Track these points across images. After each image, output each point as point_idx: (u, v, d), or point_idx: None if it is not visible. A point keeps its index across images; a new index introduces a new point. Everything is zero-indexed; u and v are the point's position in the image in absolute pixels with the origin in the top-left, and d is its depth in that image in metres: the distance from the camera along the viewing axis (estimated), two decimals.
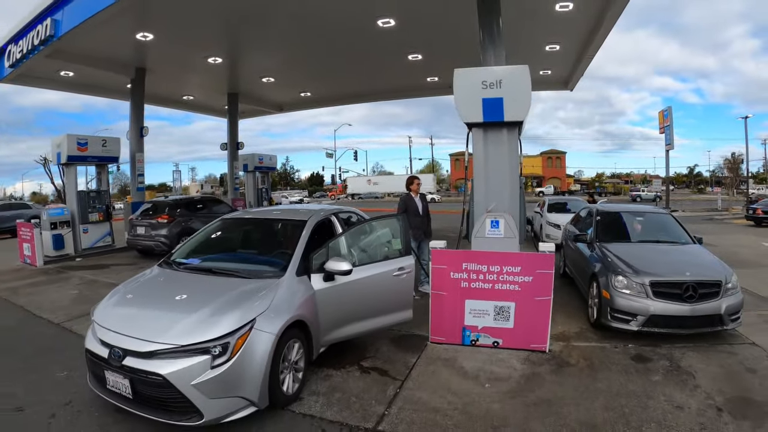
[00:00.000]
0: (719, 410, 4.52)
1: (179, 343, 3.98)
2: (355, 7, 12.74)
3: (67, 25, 13.55)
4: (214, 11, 13.16)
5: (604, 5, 12.33)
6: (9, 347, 6.92)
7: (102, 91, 22.26)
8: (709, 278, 6.33)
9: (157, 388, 3.90)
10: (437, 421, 4.38)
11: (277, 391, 4.38)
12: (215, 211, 16.39)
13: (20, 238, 15.34)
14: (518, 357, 5.81)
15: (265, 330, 4.26)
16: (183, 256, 5.96)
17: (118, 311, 4.66)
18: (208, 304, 4.40)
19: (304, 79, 21.55)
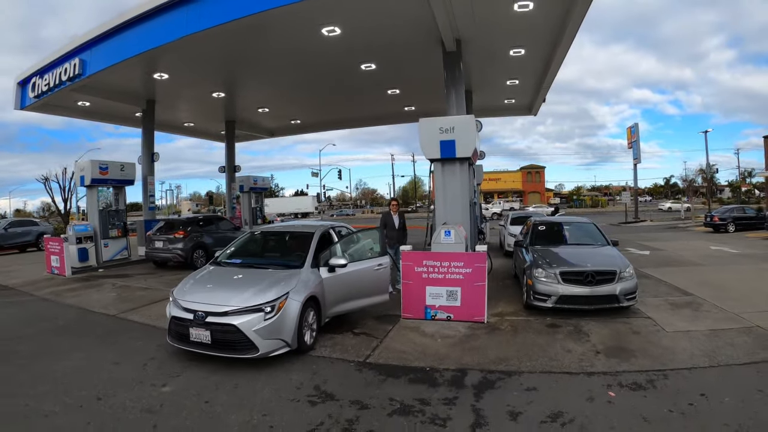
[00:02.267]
0: (597, 353, 6.78)
1: (244, 305, 6.32)
2: (342, 57, 14.94)
3: (94, 67, 15.34)
4: (220, 57, 15.24)
5: (551, 52, 14.65)
6: (83, 331, 8.98)
7: (113, 119, 24.15)
8: (606, 268, 8.72)
9: (229, 334, 6.21)
10: (403, 356, 6.72)
11: (301, 341, 6.72)
12: (220, 227, 18.65)
13: (48, 251, 17.19)
14: (464, 325, 8.14)
15: (294, 299, 6.62)
16: (226, 258, 8.36)
17: (196, 290, 6.99)
18: (258, 283, 6.80)
19: (295, 109, 23.68)
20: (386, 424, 4.73)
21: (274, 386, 5.75)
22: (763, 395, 5.16)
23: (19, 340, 8.33)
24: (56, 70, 16.55)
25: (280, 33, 12.85)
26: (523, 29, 12.80)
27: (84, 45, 15.51)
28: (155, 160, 20.88)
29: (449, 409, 4.99)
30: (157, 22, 13.06)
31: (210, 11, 11.74)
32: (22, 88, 19.01)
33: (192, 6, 12.14)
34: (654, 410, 4.89)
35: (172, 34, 12.76)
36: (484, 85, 18.52)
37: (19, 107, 19.41)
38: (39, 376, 6.37)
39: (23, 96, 19.00)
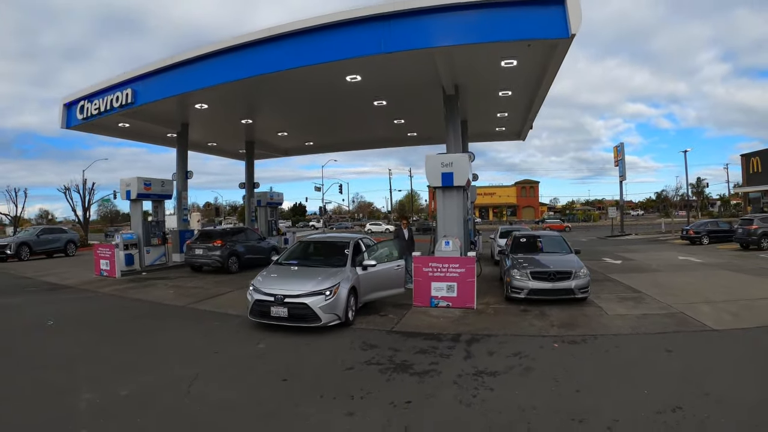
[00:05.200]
0: (553, 325, 9.64)
1: (312, 290, 9.23)
2: (358, 95, 17.61)
3: (145, 97, 17.70)
4: (255, 94, 17.88)
5: (533, 93, 17.22)
6: (164, 317, 11.46)
7: (146, 138, 26.41)
8: (564, 269, 11.69)
9: (301, 309, 9.11)
10: (418, 327, 9.63)
11: (347, 316, 9.64)
12: (249, 237, 21.38)
13: (97, 256, 19.81)
14: (459, 310, 11.04)
15: (343, 287, 9.54)
16: (285, 260, 11.35)
17: (272, 281, 9.89)
18: (317, 276, 9.73)
19: (311, 133, 26.49)
20: (413, 356, 7.60)
21: (335, 342, 8.64)
22: (659, 348, 7.99)
23: (117, 324, 10.92)
24: (107, 97, 18.77)
25: (312, 79, 15.33)
26: (509, 77, 15.26)
27: (136, 77, 17.85)
28: (189, 177, 23.53)
29: (450, 350, 7.91)
30: (214, 64, 15.48)
31: (261, 61, 14.29)
32: (69, 110, 21.23)
33: (243, 54, 14.70)
34: (580, 352, 7.83)
35: (222, 77, 15.28)
36: (478, 116, 21.16)
37: (65, 126, 21.55)
38: (155, 344, 9.09)
39: (70, 116, 21.16)
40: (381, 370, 7.07)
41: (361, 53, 12.79)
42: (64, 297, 14.92)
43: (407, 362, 7.35)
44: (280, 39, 13.87)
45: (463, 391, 6.13)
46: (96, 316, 11.93)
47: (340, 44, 12.90)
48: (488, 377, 6.63)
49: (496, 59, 13.31)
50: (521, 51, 12.52)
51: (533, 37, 11.37)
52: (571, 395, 5.97)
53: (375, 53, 12.53)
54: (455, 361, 7.39)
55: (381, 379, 6.69)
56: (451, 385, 6.36)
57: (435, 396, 6.02)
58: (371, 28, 12.45)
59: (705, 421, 5.15)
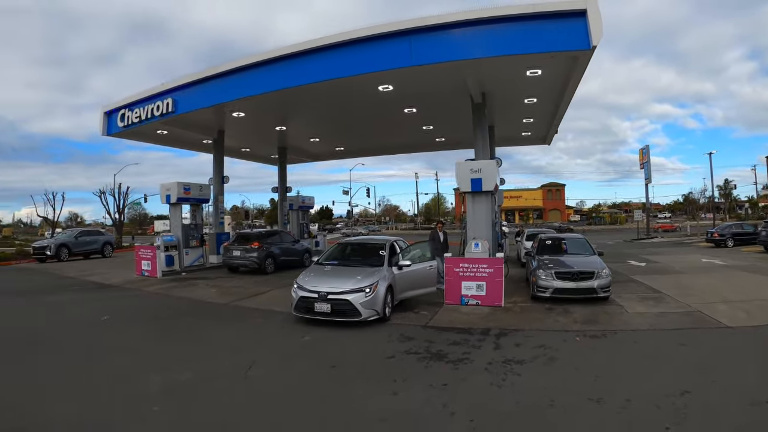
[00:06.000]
0: (575, 322, 10.32)
1: (353, 287, 10.03)
2: (390, 103, 18.22)
3: (185, 107, 18.57)
4: (291, 103, 18.71)
5: (558, 99, 17.78)
6: (209, 314, 12.20)
7: (182, 144, 27.34)
8: (587, 269, 12.35)
9: (343, 305, 9.92)
10: (450, 323, 10.37)
11: (385, 312, 10.41)
12: (284, 239, 22.24)
13: (138, 257, 20.88)
14: (488, 308, 11.76)
15: (382, 285, 10.33)
16: (325, 260, 12.19)
17: (315, 280, 10.72)
18: (357, 275, 10.54)
19: (342, 139, 27.25)
20: (447, 347, 8.36)
21: (374, 335, 9.45)
22: (674, 343, 8.63)
23: (168, 320, 11.80)
24: (148, 106, 19.71)
25: (345, 88, 16.02)
26: (534, 85, 15.78)
27: (176, 87, 18.73)
28: (225, 182, 24.45)
29: (481, 342, 8.66)
30: (251, 76, 16.31)
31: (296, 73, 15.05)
32: (109, 118, 22.21)
33: (279, 67, 15.48)
34: (600, 346, 8.52)
35: (259, 89, 16.14)
36: (504, 121, 21.69)
37: (105, 133, 22.57)
38: (207, 337, 9.95)
39: (110, 124, 22.12)
40: (419, 358, 7.83)
41: (392, 66, 13.48)
42: (112, 295, 15.83)
43: (442, 352, 8.10)
44: (313, 53, 14.60)
45: (493, 376, 6.85)
46: (146, 313, 12.85)
47: (371, 57, 13.64)
48: (516, 365, 7.34)
49: (522, 69, 13.86)
50: (545, 61, 13.06)
51: (556, 50, 11.96)
52: (590, 380, 6.65)
53: (405, 66, 13.22)
54: (485, 352, 8.12)
55: (419, 366, 7.44)
56: (482, 371, 7.08)
57: (468, 380, 6.76)
58: (401, 42, 13.11)
59: (709, 403, 5.82)
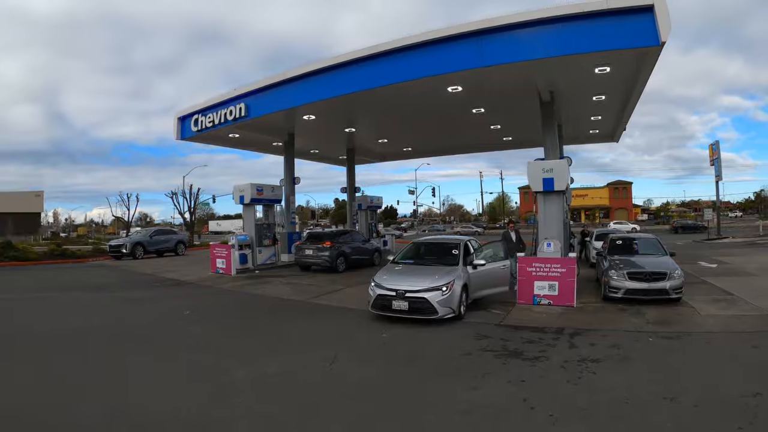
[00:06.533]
0: (648, 323, 10.43)
1: (430, 286, 10.46)
2: (458, 104, 18.43)
3: (258, 111, 19.36)
4: (360, 106, 19.17)
5: (627, 96, 17.67)
6: (287, 310, 12.93)
7: (253, 147, 28.45)
8: (659, 270, 12.38)
9: (420, 303, 10.35)
10: (523, 322, 10.67)
11: (459, 311, 10.79)
12: (354, 238, 22.82)
13: (213, 255, 21.89)
14: (560, 308, 11.98)
15: (457, 283, 10.72)
16: (401, 258, 12.65)
17: (392, 278, 11.21)
18: (434, 274, 10.96)
19: (409, 140, 27.62)
20: (522, 345, 8.70)
21: (450, 333, 9.86)
22: (747, 345, 8.72)
23: (247, 315, 12.60)
24: (221, 111, 20.59)
25: (414, 90, 16.23)
26: (602, 83, 15.68)
27: (248, 93, 19.54)
28: (296, 183, 25.25)
29: (555, 341, 8.95)
30: (321, 80, 16.93)
31: (365, 77, 15.60)
32: (183, 123, 23.39)
33: (348, 71, 16.09)
34: (673, 346, 8.68)
35: (329, 92, 16.77)
36: (572, 119, 21.55)
37: (179, 138, 23.78)
38: (287, 332, 10.56)
39: (184, 128, 23.31)
40: (495, 355, 8.19)
41: (461, 68, 13.79)
42: (190, 291, 16.77)
43: (518, 350, 8.44)
44: (382, 56, 15.09)
45: (569, 374, 7.13)
46: (225, 308, 13.68)
47: (440, 59, 13.95)
48: (591, 363, 7.59)
49: (590, 67, 13.86)
50: (614, 58, 13.05)
51: (624, 47, 11.95)
52: (663, 380, 6.85)
53: (475, 67, 13.52)
54: (560, 350, 8.41)
55: (497, 363, 7.80)
56: (558, 369, 7.37)
57: (545, 377, 7.06)
58: (470, 43, 13.38)
59: None
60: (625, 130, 24.91)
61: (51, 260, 29.41)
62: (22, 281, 20.47)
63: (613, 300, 12.48)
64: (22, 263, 27.64)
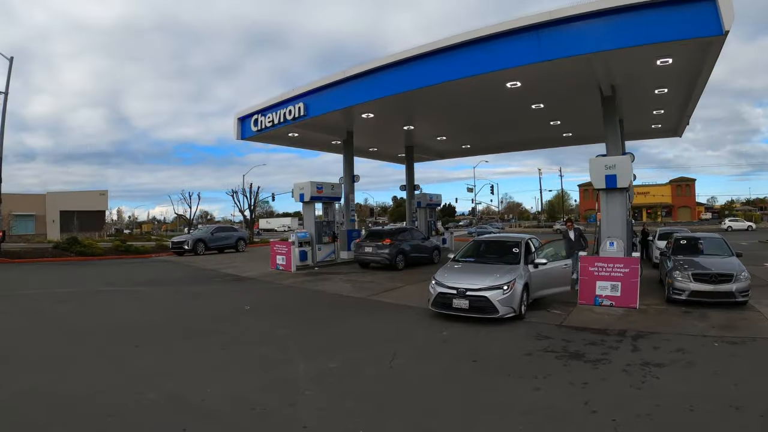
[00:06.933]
0: (713, 327, 10.21)
1: (491, 284, 10.52)
2: (517, 100, 18.55)
3: (316, 110, 19.83)
4: (418, 103, 19.40)
5: (690, 88, 17.32)
6: (346, 306, 13.20)
7: (313, 145, 29.14)
8: (725, 272, 12.05)
9: (481, 302, 10.43)
10: (585, 323, 10.60)
11: (520, 310, 10.80)
12: (414, 236, 22.96)
13: (274, 252, 22.36)
14: (622, 309, 11.83)
15: (518, 283, 10.73)
16: (461, 257, 12.71)
17: (453, 276, 11.30)
18: (495, 272, 11.00)
19: (468, 137, 27.66)
20: (584, 347, 8.67)
21: (511, 333, 9.90)
22: None
23: (307, 311, 12.90)
24: (280, 111, 21.24)
25: (473, 87, 16.49)
26: (664, 75, 15.47)
27: (307, 92, 20.10)
28: (356, 181, 25.58)
29: (618, 343, 8.88)
30: (379, 78, 17.30)
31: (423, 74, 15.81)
32: (243, 123, 24.23)
33: (405, 68, 16.34)
34: (739, 352, 8.50)
35: (387, 91, 17.11)
36: (634, 114, 21.27)
37: (240, 137, 24.64)
38: (347, 328, 10.80)
39: (244, 129, 24.18)
40: (557, 357, 8.19)
41: (519, 63, 13.81)
42: (250, 287, 17.24)
43: (580, 352, 8.42)
44: (438, 53, 15.29)
45: (632, 378, 7.08)
46: (285, 304, 14.03)
47: (497, 55, 14.04)
48: (654, 368, 7.51)
49: (652, 59, 13.69)
50: (676, 49, 12.82)
51: (686, 37, 11.67)
52: (729, 387, 6.74)
53: (533, 62, 13.51)
54: (623, 353, 8.34)
55: (558, 364, 7.81)
56: (620, 372, 7.33)
57: (607, 380, 7.05)
58: (528, 38, 13.41)
59: None
60: (688, 125, 24.47)
61: (115, 255, 30.91)
62: (88, 275, 21.50)
63: (677, 302, 12.22)
64: (88, 258, 29.16)
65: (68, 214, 57.72)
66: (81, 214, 58.26)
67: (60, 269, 24.06)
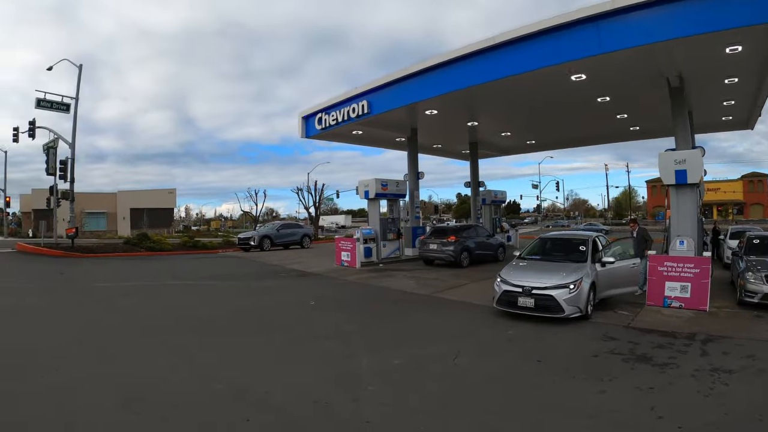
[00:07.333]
0: None
1: (557, 283, 10.51)
2: (581, 94, 18.20)
3: (379, 108, 20.09)
4: (481, 99, 19.45)
5: (763, 77, 16.48)
6: (412, 303, 13.50)
7: (377, 143, 29.47)
8: None
9: (547, 301, 10.43)
10: (653, 325, 10.43)
11: (586, 310, 10.75)
12: (479, 233, 22.97)
13: (339, 248, 22.83)
14: (691, 311, 11.58)
15: (585, 282, 10.68)
16: (527, 254, 12.77)
17: (518, 274, 11.33)
18: (561, 271, 11.00)
19: (533, 132, 27.41)
20: (651, 350, 8.59)
21: (577, 333, 9.89)
22: None
23: (371, 307, 13.20)
24: (344, 109, 21.63)
25: (536, 81, 16.27)
26: (734, 63, 14.77)
27: (370, 90, 20.45)
28: (420, 178, 25.70)
29: (686, 347, 8.75)
30: (441, 74, 17.41)
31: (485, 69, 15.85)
32: (307, 122, 24.77)
33: (468, 63, 16.39)
34: None
35: (450, 86, 17.22)
36: (703, 106, 20.49)
37: (304, 136, 25.21)
38: (411, 325, 11.07)
39: (308, 127, 24.73)
40: (623, 359, 8.15)
41: (578, 56, 13.69)
42: (315, 282, 17.70)
43: (647, 355, 8.34)
44: (496, 48, 15.35)
45: (700, 384, 6.98)
46: (350, 300, 14.34)
47: (555, 49, 13.94)
48: (723, 374, 7.37)
49: (720, 47, 13.20)
50: (745, 36, 12.32)
51: (756, 23, 11.16)
52: None
53: (592, 55, 13.35)
54: (691, 358, 8.22)
55: (624, 367, 7.78)
56: (688, 378, 7.24)
57: (675, 385, 6.98)
58: (587, 29, 13.24)
59: None
60: (760, 116, 23.43)
61: (183, 251, 32.27)
62: (157, 269, 22.61)
63: (749, 305, 11.82)
64: (157, 253, 30.58)
65: (138, 212, 61.10)
66: (150, 211, 61.50)
67: (130, 263, 25.35)
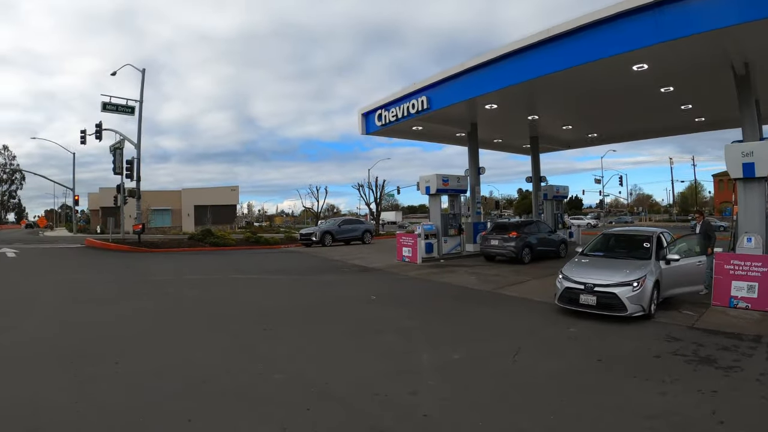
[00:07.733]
0: None
1: (620, 281, 10.40)
2: (644, 84, 17.72)
3: (438, 103, 20.15)
4: (540, 92, 19.13)
5: None
6: (472, 299, 13.54)
7: (437, 138, 29.52)
8: None
9: (609, 299, 10.34)
10: (718, 326, 10.16)
11: (650, 309, 10.57)
12: (540, 229, 22.82)
13: (400, 244, 22.96)
14: (759, 312, 11.16)
15: (649, 280, 10.50)
16: (589, 250, 12.67)
17: (581, 271, 11.26)
18: (624, 268, 10.86)
19: (594, 125, 26.97)
20: (716, 352, 8.43)
21: (639, 332, 9.76)
22: None
23: (433, 303, 13.32)
24: (403, 105, 21.79)
25: (595, 72, 16.01)
26: None
27: (429, 85, 20.52)
28: (481, 173, 25.64)
29: (752, 350, 8.53)
30: (500, 68, 17.33)
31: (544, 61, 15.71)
32: (366, 118, 25.03)
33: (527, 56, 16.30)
34: None
35: (509, 80, 17.16)
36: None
37: (364, 132, 25.47)
38: (473, 321, 11.16)
39: (368, 124, 24.97)
40: (686, 361, 8.03)
41: (637, 46, 13.35)
42: (376, 277, 18.03)
43: (711, 357, 8.19)
44: (553, 40, 15.20)
45: (765, 389, 6.82)
46: (410, 295, 14.50)
47: (613, 39, 13.67)
48: None
49: None
50: None
51: None
52: None
53: (650, 44, 13.03)
54: (758, 361, 8.02)
55: (687, 369, 7.67)
56: (753, 382, 7.08)
57: (739, 389, 6.83)
58: (644, 18, 12.91)
59: None
60: None
61: (246, 246, 33.28)
62: (221, 264, 23.31)
63: None
64: (220, 248, 31.65)
65: (202, 208, 63.36)
66: (213, 208, 63.66)
67: (195, 258, 26.35)
